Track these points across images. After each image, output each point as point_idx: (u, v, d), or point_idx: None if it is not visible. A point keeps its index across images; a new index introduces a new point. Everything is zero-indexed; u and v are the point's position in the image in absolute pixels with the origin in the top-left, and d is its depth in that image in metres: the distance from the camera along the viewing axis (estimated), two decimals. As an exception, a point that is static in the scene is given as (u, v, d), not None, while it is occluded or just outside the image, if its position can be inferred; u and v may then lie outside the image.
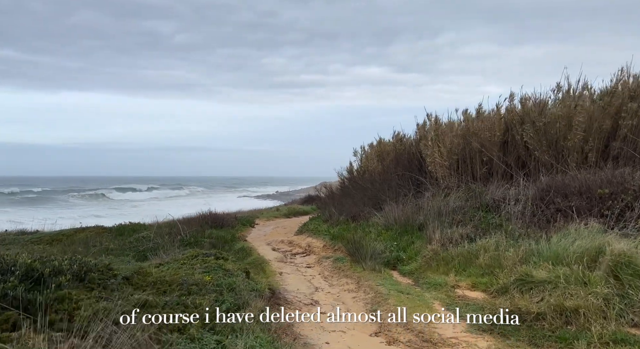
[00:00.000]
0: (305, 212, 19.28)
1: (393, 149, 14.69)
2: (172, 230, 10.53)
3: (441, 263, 7.13)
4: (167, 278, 4.50)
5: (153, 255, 7.75)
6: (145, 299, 3.70)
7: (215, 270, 5.06)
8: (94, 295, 3.61)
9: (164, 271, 4.75)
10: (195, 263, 5.35)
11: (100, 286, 4.01)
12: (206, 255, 5.74)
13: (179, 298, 3.94)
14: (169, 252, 7.82)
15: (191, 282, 4.41)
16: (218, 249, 9.30)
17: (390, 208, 10.29)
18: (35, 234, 12.21)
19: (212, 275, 4.84)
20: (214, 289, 4.48)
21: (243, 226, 15.09)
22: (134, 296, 3.76)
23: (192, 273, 4.78)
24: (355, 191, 14.44)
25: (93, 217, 29.56)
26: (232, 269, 5.30)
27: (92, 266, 4.20)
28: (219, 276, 4.90)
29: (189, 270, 4.94)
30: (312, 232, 11.99)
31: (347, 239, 8.28)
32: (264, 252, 10.15)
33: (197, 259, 5.55)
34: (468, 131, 12.55)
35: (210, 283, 4.60)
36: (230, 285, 4.66)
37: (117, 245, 10.10)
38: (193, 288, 4.33)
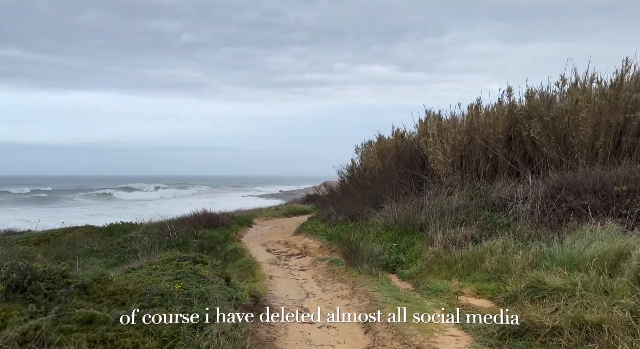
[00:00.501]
0: (306, 211, 18.67)
1: (394, 146, 14.06)
2: (163, 230, 9.96)
3: (443, 266, 6.50)
4: (130, 286, 3.91)
5: (133, 258, 7.17)
6: (92, 314, 3.10)
7: (188, 276, 4.46)
8: (29, 310, 3.02)
9: (130, 278, 4.16)
10: (167, 268, 4.76)
11: (46, 298, 3.42)
12: (183, 259, 5.15)
13: (137, 312, 3.34)
14: (152, 255, 7.24)
15: (155, 291, 3.81)
16: (206, 250, 8.72)
17: (390, 207, 9.67)
18: (23, 235, 11.68)
19: (183, 282, 4.25)
20: (183, 300, 3.88)
21: (240, 226, 14.50)
22: (80, 310, 3.16)
23: (161, 280, 4.19)
24: (355, 190, 13.82)
25: (100, 216, 29.12)
26: (209, 275, 4.71)
27: (40, 274, 3.61)
28: (192, 283, 4.30)
29: (159, 276, 4.35)
30: (310, 233, 11.38)
31: (343, 241, 7.67)
32: (257, 253, 9.55)
33: (171, 263, 4.96)
34: (472, 126, 11.91)
35: (180, 292, 4.00)
36: (203, 294, 4.06)
37: (103, 246, 9.55)
38: (156, 298, 3.73)
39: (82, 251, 8.86)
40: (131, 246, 9.05)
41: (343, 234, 9.73)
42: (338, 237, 9.59)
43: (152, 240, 8.95)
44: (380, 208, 11.35)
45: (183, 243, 8.70)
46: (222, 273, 5.10)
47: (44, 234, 11.45)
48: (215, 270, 5.11)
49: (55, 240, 10.99)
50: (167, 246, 8.52)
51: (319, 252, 9.62)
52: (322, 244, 9.90)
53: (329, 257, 8.27)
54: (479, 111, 11.37)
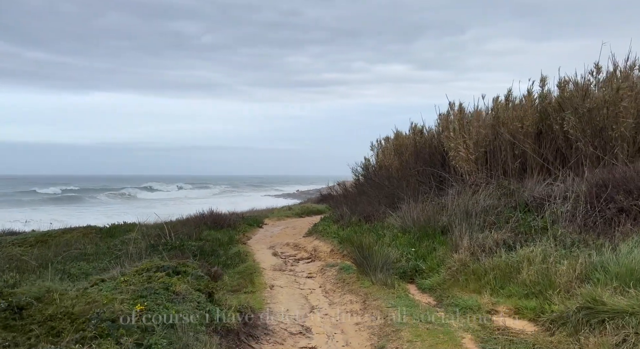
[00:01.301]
0: (320, 211, 17.71)
1: (412, 142, 13.01)
2: (162, 232, 9.13)
3: (471, 277, 5.47)
4: (77, 308, 3.03)
5: (115, 264, 6.33)
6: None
7: (157, 293, 3.57)
8: None
9: (82, 296, 3.28)
10: (137, 280, 3.87)
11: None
12: (160, 268, 4.27)
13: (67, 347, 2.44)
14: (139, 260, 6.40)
15: (106, 316, 2.92)
16: (205, 254, 7.86)
17: (408, 207, 8.65)
18: (21, 235, 11.01)
19: (148, 302, 3.36)
20: (142, 327, 2.97)
21: (249, 227, 13.62)
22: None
23: (120, 298, 3.30)
24: (370, 189, 12.82)
25: (124, 214, 28.70)
26: (186, 289, 3.80)
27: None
28: (160, 302, 3.41)
29: (121, 293, 3.46)
30: (321, 235, 10.43)
31: (354, 245, 6.71)
32: (262, 257, 8.64)
33: (142, 275, 4.08)
34: (497, 120, 10.81)
35: (140, 315, 3.11)
36: (171, 318, 3.16)
37: (98, 248, 8.77)
38: (105, 325, 2.83)
39: (72, 255, 8.08)
40: (126, 249, 8.24)
41: (355, 237, 8.75)
42: (350, 240, 8.62)
43: (147, 243, 8.13)
44: (397, 208, 10.34)
45: (180, 246, 7.86)
46: (206, 286, 4.20)
47: (42, 235, 10.76)
48: (198, 282, 4.20)
49: (52, 241, 10.29)
50: (162, 250, 7.68)
51: (329, 256, 8.67)
52: (333, 248, 8.94)
53: (340, 263, 7.31)
54: (508, 103, 10.26)
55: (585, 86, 9.64)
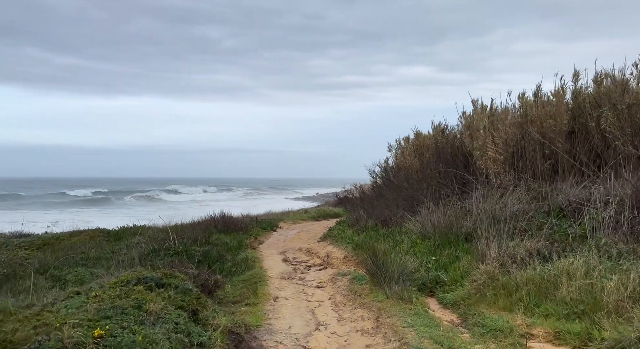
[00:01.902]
0: (336, 214, 17.06)
1: (433, 143, 12.24)
2: (168, 236, 8.63)
3: (500, 292, 4.75)
4: (20, 334, 2.48)
5: (115, 270, 5.82)
6: None
7: (125, 313, 2.99)
8: None
9: (32, 319, 2.73)
10: (108, 296, 3.31)
11: None
12: (142, 280, 3.70)
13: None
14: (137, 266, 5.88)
15: (49, 346, 2.35)
16: (210, 261, 7.30)
17: (428, 211, 7.93)
18: (29, 238, 10.70)
19: (112, 324, 2.79)
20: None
21: (263, 230, 13.06)
22: None
23: (78, 320, 2.72)
24: (388, 191, 12.11)
25: (149, 215, 28.65)
26: (164, 308, 3.22)
27: None
28: (126, 324, 2.83)
29: (83, 314, 2.90)
30: (335, 240, 9.78)
31: (368, 252, 6.04)
32: (271, 263, 8.04)
33: (118, 289, 3.50)
34: (526, 118, 9.99)
35: (98, 342, 2.53)
36: (136, 345, 2.58)
37: (101, 252, 8.33)
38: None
39: (71, 259, 7.64)
40: (128, 254, 7.77)
41: (372, 243, 8.08)
42: (365, 246, 7.95)
43: (149, 248, 7.63)
44: (417, 212, 9.64)
45: (183, 252, 7.32)
46: (191, 302, 3.61)
47: (49, 238, 10.43)
48: (182, 297, 3.62)
49: (59, 244, 9.93)
50: (163, 255, 7.16)
51: (342, 263, 8.02)
52: (346, 254, 8.29)
53: (353, 272, 6.65)
54: (538, 99, 9.44)
55: (624, 81, 8.77)
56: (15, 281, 6.75)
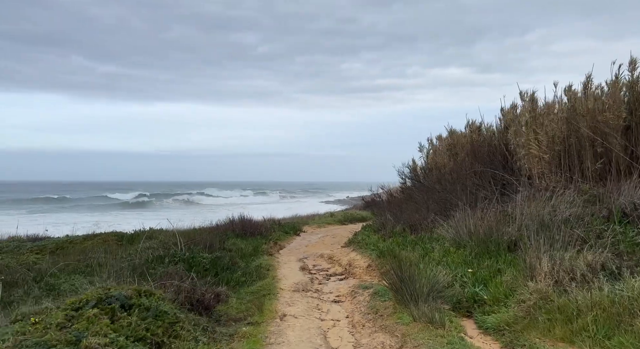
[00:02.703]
0: (363, 218, 16.13)
1: (468, 141, 11.19)
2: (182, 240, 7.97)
3: (557, 317, 3.76)
4: None
5: (116, 277, 5.15)
6: None
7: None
8: None
9: None
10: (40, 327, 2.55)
11: None
12: (105, 301, 2.94)
13: None
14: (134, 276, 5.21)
15: None
16: (219, 269, 6.57)
17: (463, 216, 6.94)
18: (42, 242, 10.30)
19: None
20: None
21: (285, 234, 12.30)
22: None
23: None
24: (418, 194, 11.12)
25: (184, 217, 28.64)
26: (107, 343, 2.45)
27: None
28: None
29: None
30: (359, 246, 8.90)
31: (393, 263, 5.13)
32: (286, 272, 7.24)
33: (66, 312, 2.76)
34: (574, 112, 8.83)
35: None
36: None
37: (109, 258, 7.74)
38: None
39: (74, 265, 7.07)
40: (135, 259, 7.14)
41: (399, 250, 7.16)
42: (391, 255, 7.04)
43: (154, 255, 6.97)
44: (449, 217, 8.65)
45: (190, 259, 6.62)
46: (156, 332, 2.83)
47: (62, 242, 9.99)
48: (150, 324, 2.85)
49: (72, 248, 9.46)
50: (168, 262, 6.47)
51: (365, 273, 7.13)
52: (370, 263, 7.39)
53: (375, 285, 5.75)
54: (588, 91, 8.28)
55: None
56: (9, 289, 6.21)
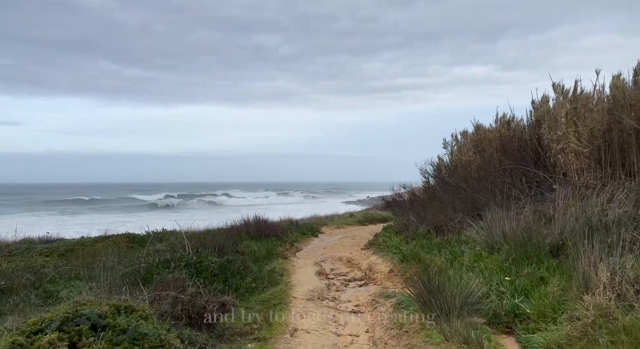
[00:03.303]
0: (384, 218, 15.44)
1: (497, 136, 10.39)
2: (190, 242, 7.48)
3: (623, 339, 3.06)
4: None
5: (120, 286, 4.66)
6: None
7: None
8: None
9: None
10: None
11: None
12: (70, 322, 2.40)
13: None
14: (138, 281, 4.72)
15: None
16: (228, 274, 6.03)
17: (497, 216, 6.22)
18: (54, 244, 9.98)
19: None
20: None
21: (302, 236, 11.73)
22: None
23: None
24: (442, 193, 10.39)
25: (209, 217, 28.57)
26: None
27: None
28: None
29: None
30: (380, 249, 8.25)
31: (418, 269, 4.49)
32: (302, 277, 6.66)
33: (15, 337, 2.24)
34: (616, 103, 8.01)
35: None
36: None
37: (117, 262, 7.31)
38: None
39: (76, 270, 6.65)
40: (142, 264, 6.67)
41: (424, 254, 6.49)
42: (416, 259, 6.38)
43: (160, 258, 6.48)
44: (479, 217, 7.93)
45: (197, 264, 6.10)
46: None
47: (73, 244, 9.65)
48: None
49: (81, 251, 9.09)
50: (174, 267, 5.95)
51: (387, 279, 6.49)
52: (392, 267, 6.75)
53: (398, 294, 5.11)
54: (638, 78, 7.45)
55: None
56: (7, 296, 5.80)
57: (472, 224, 6.70)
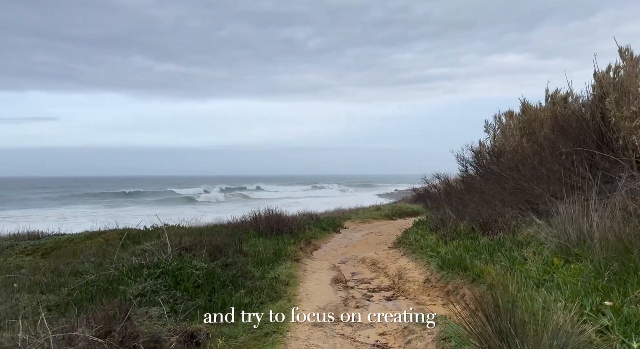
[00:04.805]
0: (415, 212, 13.77)
1: (550, 116, 8.57)
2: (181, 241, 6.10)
3: None
4: None
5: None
6: None
7: None
8: None
9: None
10: None
11: None
12: None
13: None
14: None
15: None
16: (217, 284, 4.60)
17: (571, 211, 4.52)
18: (40, 241, 8.81)
19: None
20: None
21: (322, 232, 10.25)
22: None
23: None
24: (485, 183, 8.68)
25: (234, 211, 27.49)
26: None
27: None
28: None
29: None
30: (411, 249, 6.66)
31: (484, 303, 2.93)
32: (312, 287, 5.15)
33: None
34: None
35: None
36: None
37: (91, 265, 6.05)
38: None
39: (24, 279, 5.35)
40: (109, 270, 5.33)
41: (468, 262, 4.86)
42: (460, 266, 4.77)
43: (136, 263, 5.11)
44: (534, 211, 6.24)
45: (178, 269, 4.70)
46: None
47: (62, 241, 8.48)
48: None
49: (70, 248, 7.90)
50: (147, 276, 4.56)
51: (422, 291, 4.92)
52: (429, 276, 5.16)
53: (440, 321, 3.52)
54: None
55: None
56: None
57: (536, 220, 5.00)
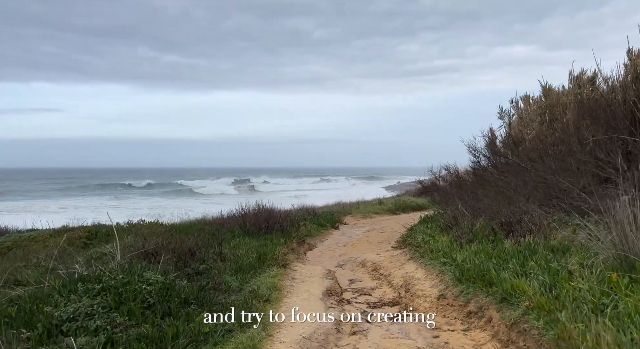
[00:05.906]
0: (420, 206, 12.68)
1: (574, 100, 7.44)
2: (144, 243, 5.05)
3: None
4: None
5: None
6: None
7: None
8: None
9: None
10: None
11: None
12: None
13: None
14: None
15: None
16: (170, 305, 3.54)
17: (627, 210, 3.43)
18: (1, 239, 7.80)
19: None
20: None
21: (319, 228, 9.19)
22: None
23: None
24: (501, 176, 7.56)
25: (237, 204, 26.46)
26: None
27: None
28: None
29: None
30: (419, 251, 5.58)
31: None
32: (299, 303, 4.09)
33: None
34: None
35: None
36: None
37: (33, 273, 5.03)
38: None
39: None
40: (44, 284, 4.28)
41: (492, 273, 3.77)
42: (484, 279, 3.69)
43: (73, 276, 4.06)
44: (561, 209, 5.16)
45: (123, 285, 3.63)
46: None
47: (23, 239, 7.48)
48: None
49: (30, 247, 6.89)
50: (82, 293, 3.52)
51: (435, 308, 3.85)
52: (443, 290, 4.08)
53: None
54: None
55: None
56: None
57: (580, 222, 3.88)
